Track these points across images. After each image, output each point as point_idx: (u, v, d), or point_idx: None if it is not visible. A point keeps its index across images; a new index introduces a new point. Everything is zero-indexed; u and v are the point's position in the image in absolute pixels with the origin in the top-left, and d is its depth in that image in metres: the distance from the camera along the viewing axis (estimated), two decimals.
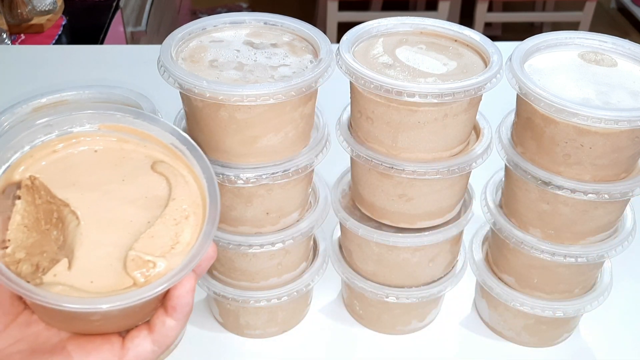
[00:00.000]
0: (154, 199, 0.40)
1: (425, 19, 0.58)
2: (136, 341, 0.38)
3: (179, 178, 0.41)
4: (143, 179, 0.40)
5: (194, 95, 0.47)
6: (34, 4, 1.47)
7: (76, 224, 0.37)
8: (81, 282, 0.36)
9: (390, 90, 0.48)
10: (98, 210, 0.38)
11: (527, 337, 0.63)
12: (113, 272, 0.36)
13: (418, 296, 0.60)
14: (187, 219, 0.39)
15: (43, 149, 0.39)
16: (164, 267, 0.37)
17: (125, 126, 0.41)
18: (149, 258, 0.37)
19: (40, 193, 0.38)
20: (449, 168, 0.53)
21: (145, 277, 0.36)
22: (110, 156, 0.41)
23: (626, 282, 0.70)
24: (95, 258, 0.37)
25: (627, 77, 0.53)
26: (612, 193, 0.51)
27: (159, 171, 0.41)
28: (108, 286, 0.36)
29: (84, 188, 0.39)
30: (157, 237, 0.38)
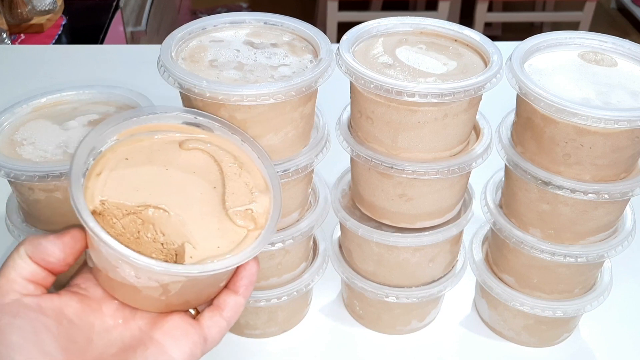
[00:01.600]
0: (203, 169, 0.44)
1: (425, 19, 0.58)
2: (213, 320, 0.41)
3: (208, 144, 0.45)
4: (179, 159, 0.44)
5: (194, 95, 0.47)
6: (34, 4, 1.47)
7: (167, 216, 0.41)
8: (213, 251, 0.40)
9: (390, 90, 0.48)
10: (172, 197, 0.41)
11: (527, 337, 0.63)
12: (227, 231, 0.41)
13: (418, 296, 0.60)
14: (242, 167, 0.45)
15: (90, 177, 0.41)
16: (260, 208, 0.43)
17: (137, 127, 0.44)
18: (245, 208, 0.42)
19: (114, 212, 0.40)
20: (449, 168, 0.53)
21: (254, 222, 0.42)
22: (140, 157, 0.43)
23: (626, 282, 0.70)
24: (206, 229, 0.41)
25: (627, 77, 0.53)
26: (612, 193, 0.51)
27: (188, 147, 0.45)
28: (232, 243, 0.41)
29: (144, 187, 0.42)
30: (236, 192, 0.43)
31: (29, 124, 0.53)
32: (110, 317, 0.40)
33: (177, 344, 0.39)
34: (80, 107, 0.55)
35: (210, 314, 0.42)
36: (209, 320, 0.41)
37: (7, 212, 0.55)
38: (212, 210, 0.42)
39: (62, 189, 0.49)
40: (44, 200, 0.50)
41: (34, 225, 0.54)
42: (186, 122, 0.46)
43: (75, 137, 0.51)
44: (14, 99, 0.55)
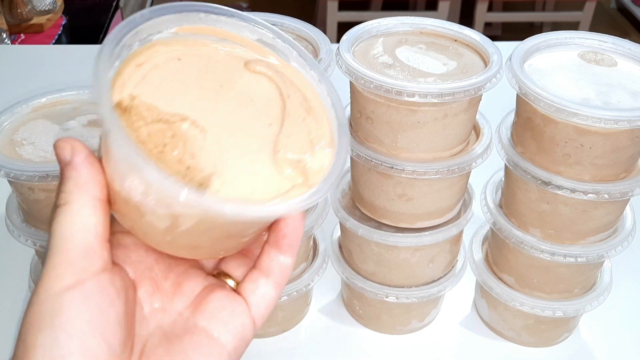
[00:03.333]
0: (264, 100, 0.36)
1: (425, 19, 0.58)
2: (259, 292, 0.35)
3: (279, 74, 0.37)
4: (241, 81, 0.36)
5: None
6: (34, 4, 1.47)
7: (203, 137, 0.33)
8: (245, 194, 0.32)
9: (390, 90, 0.48)
10: (217, 119, 0.34)
11: (527, 337, 0.63)
12: (268, 177, 0.33)
13: (418, 296, 0.60)
14: (309, 113, 0.36)
15: (128, 63, 0.34)
16: (315, 163, 0.35)
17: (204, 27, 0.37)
18: (297, 157, 0.34)
19: (142, 114, 0.33)
20: (449, 168, 0.53)
21: (303, 175, 0.34)
22: (196, 63, 0.36)
23: (626, 282, 0.70)
24: (244, 168, 0.33)
25: (627, 77, 0.53)
26: (612, 193, 0.51)
27: (256, 71, 0.37)
28: (270, 193, 0.33)
29: (190, 99, 0.34)
30: (292, 136, 0.35)
31: (29, 124, 0.53)
32: (147, 303, 0.35)
33: (226, 328, 0.34)
34: (80, 107, 0.55)
35: (254, 285, 0.35)
36: (254, 294, 0.35)
37: (7, 212, 0.55)
38: (258, 147, 0.34)
39: None
40: (44, 200, 0.50)
41: (33, 225, 0.54)
42: (261, 40, 0.38)
43: (75, 137, 0.51)
44: (14, 99, 0.55)
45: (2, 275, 0.70)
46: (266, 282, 0.35)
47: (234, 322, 0.34)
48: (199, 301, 0.35)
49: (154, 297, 0.35)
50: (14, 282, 0.68)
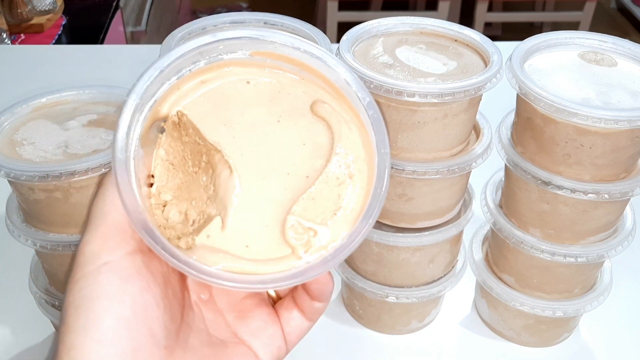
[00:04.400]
0: (314, 149, 0.34)
1: (425, 19, 0.58)
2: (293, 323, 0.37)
3: (343, 125, 0.34)
4: (301, 121, 0.34)
5: None
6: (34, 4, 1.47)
7: (228, 174, 0.32)
8: (236, 247, 0.31)
9: (390, 90, 0.48)
10: (252, 158, 0.33)
11: (527, 337, 0.63)
12: (270, 236, 0.32)
13: (418, 296, 0.60)
14: (351, 178, 0.33)
15: (190, 79, 0.33)
16: (326, 237, 0.32)
17: (282, 54, 0.34)
18: (309, 225, 0.32)
19: (189, 131, 0.33)
20: (449, 168, 0.53)
21: (305, 248, 0.32)
22: (265, 90, 0.34)
23: (626, 282, 0.70)
24: (251, 217, 0.32)
25: (627, 77, 0.53)
26: (612, 193, 0.51)
27: (320, 114, 0.34)
28: (263, 252, 0.31)
29: (237, 129, 0.33)
30: (318, 198, 0.33)
31: (29, 124, 0.53)
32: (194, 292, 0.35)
33: (266, 350, 0.35)
34: (80, 107, 0.55)
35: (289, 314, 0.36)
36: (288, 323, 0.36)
37: (7, 212, 0.55)
38: (277, 200, 0.32)
39: (62, 189, 0.49)
40: (44, 200, 0.50)
41: (33, 225, 0.54)
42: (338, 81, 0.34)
43: (75, 137, 0.51)
44: (14, 99, 0.55)
45: (2, 275, 0.70)
46: (300, 314, 0.37)
47: (273, 344, 0.36)
48: (243, 312, 0.36)
49: (201, 286, 0.35)
50: (14, 282, 0.68)
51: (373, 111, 0.34)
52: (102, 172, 0.48)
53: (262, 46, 0.34)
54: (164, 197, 0.33)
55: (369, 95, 0.34)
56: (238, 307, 0.36)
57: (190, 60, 0.33)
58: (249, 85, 0.34)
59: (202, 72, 0.34)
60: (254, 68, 0.35)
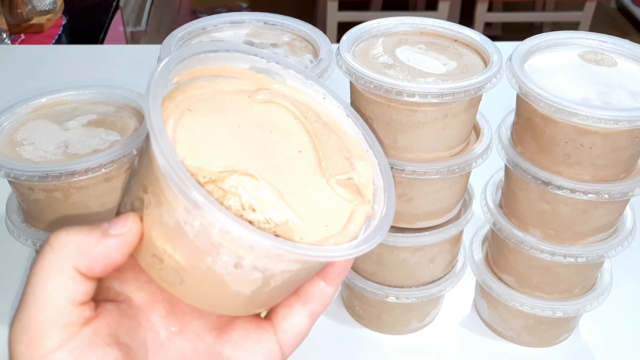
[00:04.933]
0: (283, 129, 0.35)
1: (425, 19, 0.58)
2: (291, 320, 0.33)
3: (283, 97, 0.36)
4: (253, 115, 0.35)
5: None
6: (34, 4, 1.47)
7: (257, 184, 0.31)
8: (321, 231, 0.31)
9: (390, 90, 0.48)
10: (256, 160, 0.33)
11: (527, 337, 0.63)
12: (330, 204, 0.32)
13: (418, 296, 0.60)
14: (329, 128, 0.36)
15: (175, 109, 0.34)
16: (363, 177, 0.34)
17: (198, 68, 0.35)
18: (346, 176, 0.34)
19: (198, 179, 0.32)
20: (449, 168, 0.53)
21: (359, 193, 0.33)
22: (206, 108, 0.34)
23: (626, 282, 0.70)
24: (306, 202, 0.32)
25: (627, 77, 0.53)
26: (612, 193, 0.51)
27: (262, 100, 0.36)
28: (341, 220, 0.32)
29: (224, 149, 0.32)
30: (332, 157, 0.34)
31: (29, 124, 0.53)
32: (162, 327, 0.32)
33: (252, 356, 0.32)
34: (80, 107, 0.55)
35: (287, 310, 0.33)
36: (285, 321, 0.33)
37: (7, 212, 0.55)
38: (307, 178, 0.33)
39: (62, 189, 0.49)
40: (44, 200, 0.50)
41: (34, 225, 0.54)
42: (254, 67, 0.37)
43: (75, 137, 0.51)
44: (14, 99, 0.55)
45: (2, 275, 0.70)
46: (301, 309, 0.34)
47: (262, 350, 0.33)
48: (222, 327, 0.33)
49: (168, 319, 0.33)
50: (14, 282, 0.68)
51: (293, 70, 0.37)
52: (102, 172, 0.48)
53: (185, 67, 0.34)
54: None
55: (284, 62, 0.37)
56: (215, 326, 0.34)
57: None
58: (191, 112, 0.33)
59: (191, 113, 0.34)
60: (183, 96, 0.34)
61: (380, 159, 0.36)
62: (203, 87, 0.35)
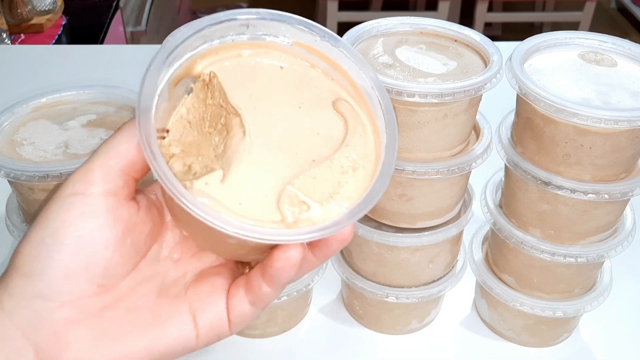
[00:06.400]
0: (326, 139, 0.36)
1: (425, 19, 0.58)
2: (235, 301, 0.35)
3: (358, 125, 0.36)
4: (321, 113, 0.36)
5: None
6: (34, 4, 1.47)
7: (241, 137, 0.34)
8: (230, 201, 0.32)
9: (390, 90, 0.48)
10: (267, 130, 0.35)
11: (527, 337, 0.63)
12: (264, 200, 0.33)
13: (418, 296, 0.60)
14: (354, 171, 0.35)
15: (231, 48, 0.35)
16: (317, 214, 0.33)
17: (320, 51, 0.37)
18: (305, 199, 0.33)
19: (215, 94, 0.35)
20: (449, 168, 0.53)
21: (295, 217, 0.33)
22: (295, 78, 0.37)
23: (626, 282, 0.70)
24: (251, 180, 0.33)
25: (627, 77, 0.53)
26: (612, 193, 0.51)
27: (340, 110, 0.37)
28: (255, 213, 0.33)
29: (259, 103, 0.35)
30: (319, 179, 0.34)
31: (29, 124, 0.53)
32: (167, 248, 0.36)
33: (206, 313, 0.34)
34: (80, 107, 0.55)
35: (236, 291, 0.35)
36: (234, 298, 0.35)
37: (7, 212, 0.55)
38: (279, 172, 0.34)
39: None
40: (44, 200, 0.50)
41: None
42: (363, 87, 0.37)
43: (75, 137, 0.51)
44: (14, 99, 0.55)
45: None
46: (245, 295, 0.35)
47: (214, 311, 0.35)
48: (202, 276, 0.36)
49: (176, 247, 0.36)
50: None
51: (390, 116, 0.36)
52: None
53: (304, 38, 0.36)
54: (173, 149, 0.34)
55: (389, 101, 0.36)
56: (202, 272, 0.36)
57: (236, 30, 0.35)
58: (281, 70, 0.36)
59: (243, 45, 0.36)
60: (290, 56, 0.37)
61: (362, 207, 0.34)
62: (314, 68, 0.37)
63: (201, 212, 0.31)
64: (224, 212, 0.32)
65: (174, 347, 0.34)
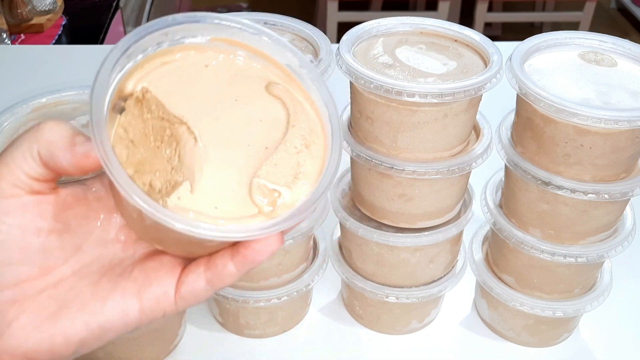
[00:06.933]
0: (272, 124, 0.37)
1: (425, 19, 0.58)
2: (191, 277, 0.35)
3: (297, 104, 0.37)
4: (258, 100, 0.37)
5: None
6: (34, 4, 1.47)
7: (193, 144, 0.34)
8: (206, 207, 0.33)
9: (390, 90, 0.48)
10: (215, 130, 0.35)
11: (527, 337, 0.63)
12: (237, 198, 0.34)
13: (418, 296, 0.60)
14: (308, 147, 0.36)
15: (154, 59, 0.36)
16: (289, 198, 0.34)
17: (238, 41, 0.37)
18: (274, 187, 0.35)
19: (151, 108, 0.35)
20: (449, 168, 0.53)
21: (272, 205, 0.34)
22: (222, 73, 0.37)
23: (626, 282, 0.70)
24: (218, 182, 0.34)
25: (627, 77, 0.53)
26: (612, 193, 0.51)
27: (275, 94, 0.37)
28: (232, 212, 0.33)
29: (198, 105, 0.36)
30: (279, 165, 0.35)
31: (29, 124, 0.53)
32: (114, 230, 0.36)
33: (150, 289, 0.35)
34: (80, 107, 0.55)
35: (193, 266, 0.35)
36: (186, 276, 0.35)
37: None
38: (241, 167, 0.35)
39: None
40: None
41: None
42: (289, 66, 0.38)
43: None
44: (14, 99, 0.55)
45: None
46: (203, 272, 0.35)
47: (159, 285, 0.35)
48: (151, 253, 0.36)
49: (122, 229, 0.36)
50: None
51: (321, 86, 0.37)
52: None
53: (221, 32, 0.37)
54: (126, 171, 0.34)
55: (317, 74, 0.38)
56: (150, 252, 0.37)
57: (156, 40, 0.36)
58: (207, 68, 0.37)
59: (164, 53, 0.36)
60: (211, 52, 0.37)
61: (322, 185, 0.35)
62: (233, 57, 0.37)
63: (192, 228, 0.31)
64: (205, 220, 0.33)
65: (114, 322, 0.34)
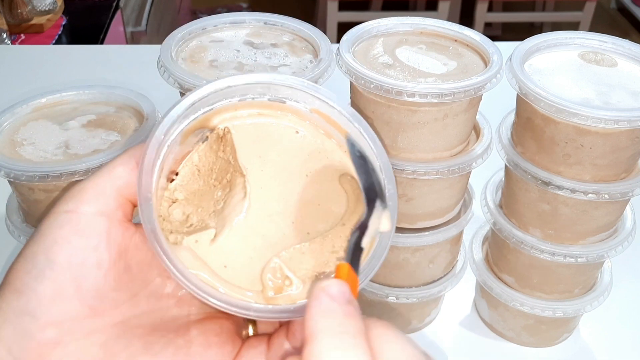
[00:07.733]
0: (326, 212, 0.35)
1: (425, 19, 0.58)
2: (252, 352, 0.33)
3: (359, 204, 0.35)
4: (326, 185, 0.36)
5: None
6: (34, 4, 1.47)
7: (241, 198, 0.34)
8: (215, 263, 0.33)
9: (390, 90, 0.48)
10: (268, 194, 0.35)
11: (527, 337, 0.63)
12: (249, 267, 0.33)
13: (418, 296, 0.60)
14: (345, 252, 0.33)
15: (249, 107, 0.36)
16: (297, 292, 0.33)
17: (337, 122, 0.36)
18: (288, 274, 0.33)
19: (226, 149, 0.35)
20: (449, 168, 0.53)
21: (275, 291, 0.33)
22: (307, 146, 0.36)
23: (626, 282, 0.70)
24: (241, 244, 0.33)
25: (627, 77, 0.53)
26: (612, 193, 0.51)
27: (345, 187, 0.36)
28: (237, 279, 0.33)
29: (267, 165, 0.35)
30: (307, 255, 0.34)
31: (29, 124, 0.53)
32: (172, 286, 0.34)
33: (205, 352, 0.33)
34: (80, 107, 0.55)
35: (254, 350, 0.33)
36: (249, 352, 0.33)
37: (7, 212, 0.55)
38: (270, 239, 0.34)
39: (62, 189, 0.49)
40: (44, 200, 0.50)
41: (33, 226, 0.54)
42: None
43: (75, 137, 0.51)
44: (14, 99, 0.55)
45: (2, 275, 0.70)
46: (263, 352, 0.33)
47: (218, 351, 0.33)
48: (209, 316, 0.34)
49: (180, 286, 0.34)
50: None
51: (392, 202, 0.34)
52: None
53: (324, 107, 0.36)
54: (177, 194, 0.34)
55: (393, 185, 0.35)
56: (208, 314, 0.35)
57: (258, 91, 0.36)
58: (297, 135, 0.36)
59: (262, 105, 0.36)
60: (307, 123, 0.37)
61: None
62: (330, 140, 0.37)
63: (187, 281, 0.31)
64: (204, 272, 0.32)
65: None
